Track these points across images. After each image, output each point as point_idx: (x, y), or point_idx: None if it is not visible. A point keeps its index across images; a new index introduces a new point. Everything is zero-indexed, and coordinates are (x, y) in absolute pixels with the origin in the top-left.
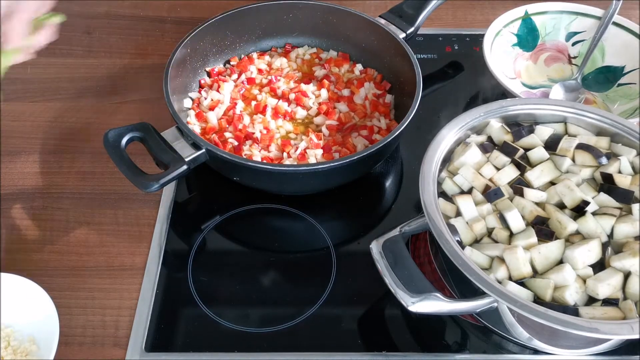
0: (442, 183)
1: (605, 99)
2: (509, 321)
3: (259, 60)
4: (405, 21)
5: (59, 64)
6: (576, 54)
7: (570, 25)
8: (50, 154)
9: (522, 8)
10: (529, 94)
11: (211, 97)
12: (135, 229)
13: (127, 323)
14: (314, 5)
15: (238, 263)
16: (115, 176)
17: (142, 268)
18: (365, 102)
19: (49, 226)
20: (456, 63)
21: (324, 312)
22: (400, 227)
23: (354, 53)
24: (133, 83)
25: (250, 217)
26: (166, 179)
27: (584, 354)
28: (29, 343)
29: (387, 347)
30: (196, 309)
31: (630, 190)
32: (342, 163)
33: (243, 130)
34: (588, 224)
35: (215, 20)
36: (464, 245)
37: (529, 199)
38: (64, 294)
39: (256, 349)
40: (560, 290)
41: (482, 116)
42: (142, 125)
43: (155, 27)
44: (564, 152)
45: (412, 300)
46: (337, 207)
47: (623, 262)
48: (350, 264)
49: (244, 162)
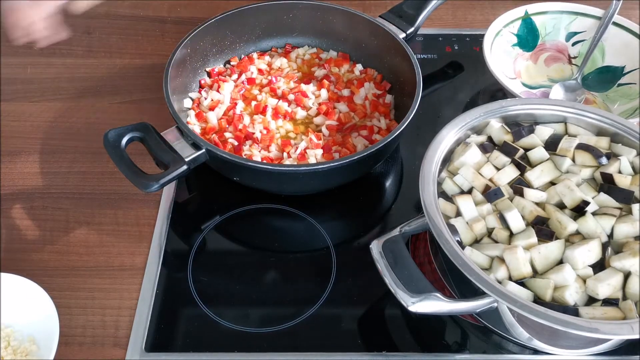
0: (442, 183)
1: (605, 99)
2: (509, 321)
3: (259, 60)
4: (405, 21)
5: (59, 64)
6: (576, 54)
7: (570, 26)
8: (50, 154)
9: (522, 8)
10: (529, 94)
11: (211, 97)
12: (135, 229)
13: (127, 323)
14: (314, 5)
15: (238, 263)
16: (115, 176)
17: (142, 268)
18: (365, 102)
19: (49, 226)
20: (456, 63)
21: (324, 312)
22: (400, 227)
23: (354, 53)
24: (133, 83)
25: (250, 217)
26: (166, 179)
27: (584, 354)
28: (29, 343)
29: (387, 347)
30: (196, 309)
31: (630, 190)
32: (342, 163)
33: (243, 130)
34: (588, 224)
35: (215, 20)
36: (464, 245)
37: (529, 199)
38: (64, 294)
39: (256, 349)
40: (560, 290)
41: (482, 116)
42: (142, 125)
43: (155, 27)
44: (564, 152)
45: (412, 300)
46: (337, 207)
47: (623, 262)
48: (350, 264)
49: (244, 162)
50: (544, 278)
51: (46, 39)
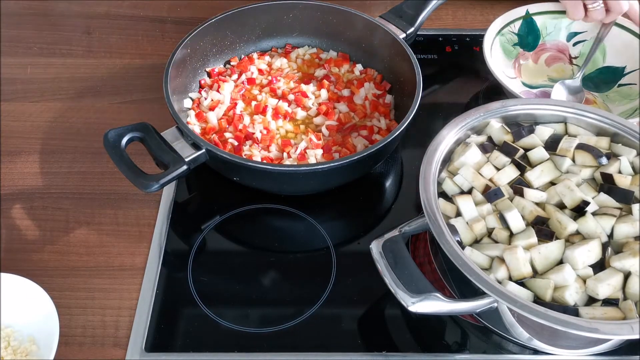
0: (442, 183)
1: (605, 99)
2: (509, 321)
3: (259, 60)
4: (405, 21)
5: (59, 64)
6: (577, 54)
7: (571, 26)
8: (50, 154)
9: (523, 8)
10: (529, 94)
11: (211, 97)
12: (135, 229)
13: (127, 323)
14: (314, 5)
15: (238, 263)
16: (115, 176)
17: (142, 268)
18: (365, 102)
19: (49, 226)
20: (456, 63)
21: (324, 312)
22: (400, 227)
23: (354, 53)
24: (133, 83)
25: (250, 217)
26: (166, 179)
27: (584, 354)
28: (29, 343)
29: (387, 347)
30: (196, 309)
31: (630, 190)
32: (342, 163)
33: (243, 130)
34: (588, 224)
35: (215, 20)
36: (464, 246)
37: (529, 199)
38: (64, 294)
39: (256, 349)
40: (560, 290)
41: (482, 116)
42: (142, 125)
43: (155, 27)
44: (564, 152)
45: (412, 300)
46: (337, 207)
47: (623, 262)
48: (350, 264)
49: (244, 162)
50: (544, 278)
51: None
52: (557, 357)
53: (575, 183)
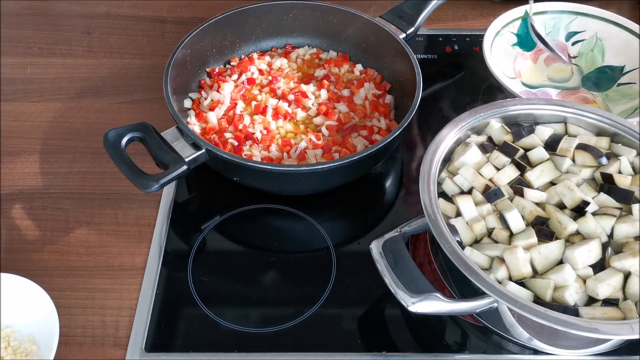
0: (442, 183)
1: (605, 99)
2: (509, 321)
3: (259, 60)
4: (405, 21)
5: (59, 64)
6: (576, 53)
7: (570, 25)
8: (50, 154)
9: (522, 8)
10: (529, 94)
11: (211, 98)
12: (135, 229)
13: (127, 323)
14: (314, 5)
15: (238, 263)
16: (115, 176)
17: (142, 268)
18: (365, 102)
19: (49, 226)
20: (456, 63)
21: (324, 312)
22: (400, 227)
23: (354, 53)
24: (133, 83)
25: (250, 217)
26: (166, 179)
27: (584, 354)
28: (29, 343)
29: (387, 347)
30: (196, 309)
31: (630, 191)
32: (342, 163)
33: (243, 130)
34: (588, 224)
35: (215, 20)
36: (464, 246)
37: (529, 199)
38: (64, 294)
39: (256, 349)
40: (560, 290)
41: (482, 116)
42: (142, 125)
43: (155, 27)
44: (564, 152)
45: (412, 301)
46: (337, 207)
47: (623, 262)
48: (350, 264)
49: (244, 162)
50: (544, 278)
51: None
52: (557, 357)
53: (575, 183)
